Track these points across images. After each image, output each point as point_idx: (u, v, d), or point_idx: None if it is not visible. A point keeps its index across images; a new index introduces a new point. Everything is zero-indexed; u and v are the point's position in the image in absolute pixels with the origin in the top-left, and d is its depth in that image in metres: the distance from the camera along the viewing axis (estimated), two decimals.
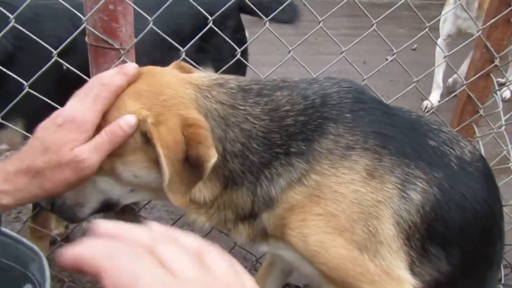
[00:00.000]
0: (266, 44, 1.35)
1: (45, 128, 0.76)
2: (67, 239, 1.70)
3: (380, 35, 1.33)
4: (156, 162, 0.78)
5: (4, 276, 0.97)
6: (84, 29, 0.92)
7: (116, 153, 0.79)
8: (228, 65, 1.32)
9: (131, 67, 0.81)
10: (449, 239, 0.93)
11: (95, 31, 0.87)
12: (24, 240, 0.97)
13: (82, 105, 0.76)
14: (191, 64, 1.80)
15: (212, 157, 0.77)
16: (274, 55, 1.27)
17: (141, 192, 0.92)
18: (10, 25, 0.89)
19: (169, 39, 1.11)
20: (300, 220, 0.87)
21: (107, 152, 0.76)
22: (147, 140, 0.78)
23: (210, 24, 1.16)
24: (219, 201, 0.91)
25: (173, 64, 0.97)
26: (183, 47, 1.15)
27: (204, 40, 1.68)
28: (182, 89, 0.83)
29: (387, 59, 4.47)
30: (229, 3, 1.41)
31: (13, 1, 1.16)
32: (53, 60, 0.93)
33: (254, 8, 1.50)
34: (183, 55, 1.06)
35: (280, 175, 0.87)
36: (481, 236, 0.98)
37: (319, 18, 1.26)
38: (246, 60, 2.01)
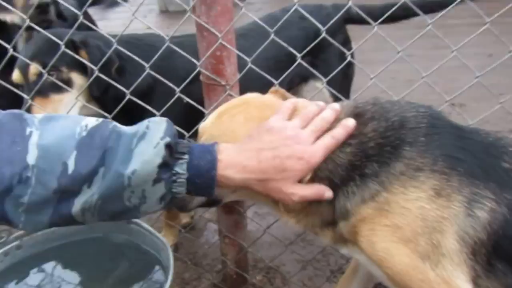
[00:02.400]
0: (379, 41, 1.34)
1: None
2: (193, 227, 2.05)
3: None
4: None
5: (145, 258, 1.29)
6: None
7: None
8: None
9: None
10: None
11: (206, 72, 1.12)
12: (157, 234, 1.28)
13: None
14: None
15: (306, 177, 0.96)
16: (387, 51, 1.32)
17: (241, 194, 1.11)
18: (145, 72, 1.18)
19: (266, 75, 1.29)
20: (369, 229, 1.00)
21: None
22: None
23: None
24: (307, 210, 1.07)
25: (272, 90, 1.17)
26: (297, 65, 1.33)
27: (314, 56, 1.85)
28: None
29: None
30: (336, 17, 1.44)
31: (156, 42, 1.48)
32: (176, 96, 1.21)
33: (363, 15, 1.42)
34: (277, 86, 1.26)
35: (355, 193, 1.00)
36: None
37: None
38: (353, 71, 2.13)
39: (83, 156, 0.78)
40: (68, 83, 1.38)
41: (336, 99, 1.76)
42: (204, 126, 1.07)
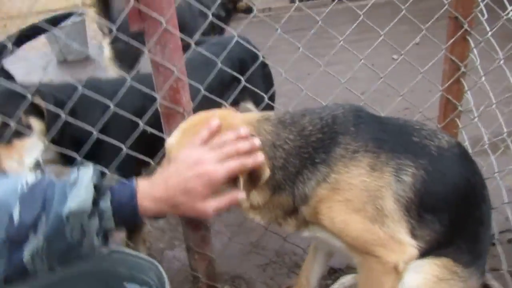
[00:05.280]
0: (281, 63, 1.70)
1: None
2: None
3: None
4: None
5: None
6: (153, 98, 1.32)
7: None
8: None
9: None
10: (438, 206, 1.24)
11: (165, 103, 1.28)
12: (142, 255, 1.35)
13: None
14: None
15: (266, 173, 1.15)
16: (290, 71, 1.61)
17: None
18: (103, 112, 1.31)
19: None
20: (327, 207, 1.21)
21: None
22: None
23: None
24: (269, 204, 1.26)
25: (229, 108, 1.37)
26: (227, 90, 1.53)
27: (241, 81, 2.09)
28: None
29: (393, 59, 4.73)
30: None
31: (103, 85, 1.60)
32: (140, 128, 1.35)
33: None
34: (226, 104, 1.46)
35: (310, 179, 1.21)
36: (463, 202, 1.28)
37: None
38: (273, 86, 2.41)
39: (26, 207, 0.89)
40: (28, 128, 1.43)
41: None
42: (170, 143, 1.21)
